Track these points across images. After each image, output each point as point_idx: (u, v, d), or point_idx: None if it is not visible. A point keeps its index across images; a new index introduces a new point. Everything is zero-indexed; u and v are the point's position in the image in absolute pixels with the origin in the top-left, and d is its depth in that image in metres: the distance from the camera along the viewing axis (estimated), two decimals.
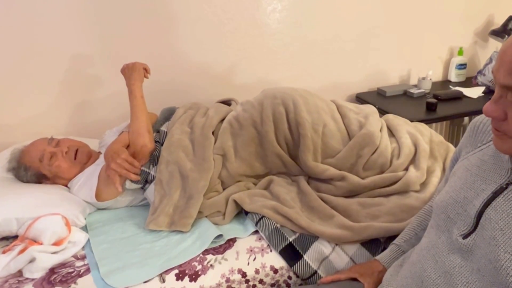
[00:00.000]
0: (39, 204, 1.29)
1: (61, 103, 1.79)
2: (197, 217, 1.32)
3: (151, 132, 1.45)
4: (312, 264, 1.17)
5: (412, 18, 2.27)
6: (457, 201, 0.80)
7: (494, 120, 0.68)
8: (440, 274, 0.77)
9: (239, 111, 1.49)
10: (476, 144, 0.86)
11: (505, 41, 0.66)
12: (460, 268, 0.74)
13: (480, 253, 0.71)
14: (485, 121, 0.86)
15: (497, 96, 0.66)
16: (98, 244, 1.24)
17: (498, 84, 0.65)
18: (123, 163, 1.35)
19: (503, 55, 0.64)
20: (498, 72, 0.65)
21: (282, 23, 2.03)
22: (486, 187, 0.75)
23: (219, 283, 1.13)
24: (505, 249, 0.66)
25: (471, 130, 0.88)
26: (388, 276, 0.95)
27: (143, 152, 1.41)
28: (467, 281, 0.72)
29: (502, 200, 0.71)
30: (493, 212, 0.71)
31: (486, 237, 0.70)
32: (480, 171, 0.79)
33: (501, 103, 0.66)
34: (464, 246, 0.74)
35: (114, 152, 1.37)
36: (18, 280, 1.09)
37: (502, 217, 0.69)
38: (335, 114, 1.51)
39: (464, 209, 0.77)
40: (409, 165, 1.42)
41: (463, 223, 0.76)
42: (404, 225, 1.18)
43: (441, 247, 0.80)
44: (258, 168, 1.45)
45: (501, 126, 0.67)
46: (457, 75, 2.42)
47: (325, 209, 1.29)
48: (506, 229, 0.67)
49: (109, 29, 1.75)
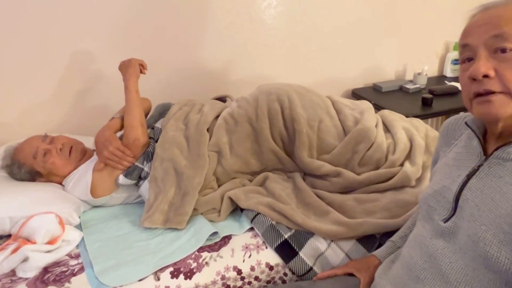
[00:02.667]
0: (32, 203, 1.28)
1: (57, 101, 1.77)
2: (193, 214, 1.31)
3: (144, 125, 1.45)
4: (307, 260, 1.17)
5: (407, 13, 2.27)
6: (437, 191, 0.84)
7: (483, 81, 0.71)
8: (426, 259, 0.80)
9: (234, 107, 1.48)
10: (450, 142, 0.93)
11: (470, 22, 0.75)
12: (443, 250, 0.77)
13: (461, 232, 0.75)
14: (453, 121, 0.94)
15: (482, 57, 0.71)
16: (93, 243, 1.23)
17: (483, 43, 0.71)
18: (115, 151, 1.36)
19: (478, 22, 0.73)
20: (478, 35, 0.72)
21: (278, 19, 2.02)
22: (461, 173, 0.80)
23: (214, 280, 1.13)
24: (481, 221, 0.70)
25: (444, 131, 0.95)
26: (380, 272, 0.96)
27: (135, 145, 1.40)
28: (450, 260, 0.75)
29: (475, 181, 0.76)
30: (469, 192, 0.76)
31: (465, 216, 0.74)
32: (455, 162, 0.85)
33: (489, 62, 0.70)
34: (446, 229, 0.78)
35: (106, 139, 1.38)
36: (11, 279, 1.08)
37: (477, 195, 0.74)
38: (331, 110, 1.50)
39: (443, 196, 0.82)
40: (404, 160, 1.41)
41: (443, 209, 0.81)
42: (400, 221, 1.19)
43: (425, 234, 0.84)
44: (253, 164, 1.44)
45: (494, 84, 0.70)
46: (453, 70, 2.42)
47: (321, 205, 1.29)
48: (481, 205, 0.72)
49: (105, 27, 1.73)
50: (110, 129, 1.43)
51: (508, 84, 0.69)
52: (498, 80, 0.70)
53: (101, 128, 1.44)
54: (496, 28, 0.69)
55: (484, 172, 0.75)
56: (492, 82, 0.70)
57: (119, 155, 1.37)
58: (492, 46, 0.70)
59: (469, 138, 0.84)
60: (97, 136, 1.41)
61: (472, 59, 0.74)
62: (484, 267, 0.69)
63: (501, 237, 0.67)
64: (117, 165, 1.38)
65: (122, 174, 1.39)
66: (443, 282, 0.75)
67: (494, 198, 0.70)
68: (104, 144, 1.37)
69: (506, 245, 0.66)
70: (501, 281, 0.68)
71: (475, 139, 0.81)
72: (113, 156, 1.36)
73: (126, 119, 1.43)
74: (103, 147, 1.36)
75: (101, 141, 1.38)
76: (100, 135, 1.41)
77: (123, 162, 1.38)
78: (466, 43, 0.74)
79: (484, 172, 0.75)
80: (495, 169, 0.73)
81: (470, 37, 0.73)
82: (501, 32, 0.69)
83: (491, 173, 0.73)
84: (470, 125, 0.83)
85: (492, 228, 0.68)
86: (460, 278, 0.73)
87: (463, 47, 0.75)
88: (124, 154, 1.38)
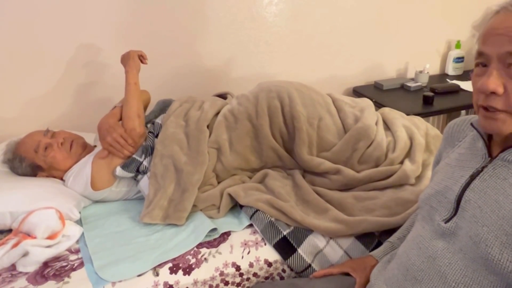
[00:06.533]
0: (33, 198, 1.28)
1: (58, 97, 1.78)
2: (192, 211, 1.32)
3: (141, 116, 1.47)
4: (306, 257, 1.17)
5: (409, 11, 2.26)
6: (438, 191, 0.84)
7: (491, 96, 0.69)
8: (424, 260, 0.80)
9: (234, 104, 1.49)
10: (453, 143, 0.92)
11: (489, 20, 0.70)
12: (442, 251, 0.77)
13: (462, 233, 0.74)
14: (459, 122, 0.93)
15: (494, 70, 0.68)
16: (92, 238, 1.24)
17: (497, 56, 0.68)
18: (118, 138, 1.38)
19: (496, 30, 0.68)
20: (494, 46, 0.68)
21: (279, 16, 2.01)
22: (464, 173, 0.80)
23: (213, 276, 1.13)
24: (483, 223, 0.70)
25: (447, 133, 0.95)
26: (376, 272, 0.96)
27: (131, 135, 1.42)
28: (450, 261, 0.75)
29: (478, 182, 0.75)
30: (471, 193, 0.75)
31: (467, 217, 0.74)
32: (458, 162, 0.84)
33: (500, 77, 0.68)
34: (446, 230, 0.78)
35: (110, 126, 1.40)
36: (11, 274, 1.09)
37: (480, 196, 0.73)
38: (331, 108, 1.50)
39: (445, 197, 0.81)
40: (404, 158, 1.41)
41: (444, 209, 0.80)
42: (399, 219, 1.19)
43: (425, 235, 0.83)
44: (253, 161, 1.45)
45: (500, 102, 0.69)
46: (455, 69, 2.41)
47: (320, 203, 1.29)
48: (483, 206, 0.71)
49: (107, 22, 1.73)
50: (113, 116, 1.46)
51: None
52: (506, 98, 0.68)
53: (104, 116, 1.47)
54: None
55: (488, 173, 0.74)
56: (498, 100, 0.69)
57: (121, 143, 1.40)
58: (506, 60, 0.67)
59: (473, 140, 0.83)
60: (101, 123, 1.44)
61: (486, 65, 0.72)
62: (485, 269, 0.69)
63: (503, 239, 0.66)
64: (118, 153, 1.40)
65: (120, 165, 1.40)
66: (441, 283, 0.75)
67: (497, 199, 0.70)
68: (108, 131, 1.39)
69: (508, 247, 0.65)
70: (501, 284, 0.67)
71: (481, 140, 0.80)
72: (116, 143, 1.39)
73: (124, 110, 1.46)
74: (107, 133, 1.39)
75: (105, 128, 1.40)
76: (104, 122, 1.43)
77: (124, 150, 1.40)
78: (482, 52, 0.71)
79: (488, 174, 0.74)
80: (500, 171, 0.73)
81: (487, 46, 0.70)
82: None
83: (496, 174, 0.73)
84: (475, 127, 0.83)
85: (494, 229, 0.68)
86: (458, 279, 0.72)
87: (479, 53, 0.73)
88: (126, 142, 1.41)
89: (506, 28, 0.67)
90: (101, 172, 1.40)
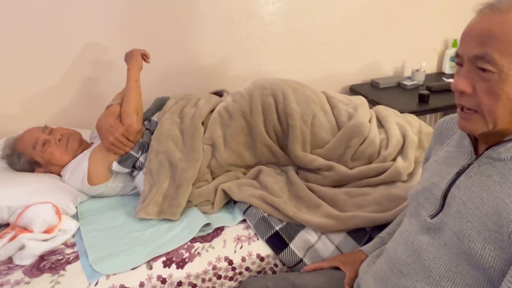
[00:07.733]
0: (30, 193, 1.31)
1: (58, 95, 1.80)
2: (186, 206, 1.33)
3: (139, 113, 1.49)
4: (297, 252, 1.19)
5: (406, 10, 2.27)
6: (426, 188, 0.85)
7: (462, 96, 0.72)
8: (409, 254, 0.82)
9: (229, 101, 1.50)
10: (442, 141, 0.94)
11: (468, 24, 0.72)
12: (427, 245, 0.79)
13: (446, 229, 0.76)
14: (448, 120, 0.94)
15: (465, 71, 0.71)
16: (88, 232, 1.26)
17: (467, 58, 0.70)
18: (120, 138, 1.41)
19: (471, 32, 0.70)
20: (466, 48, 0.70)
21: (276, 14, 2.03)
22: (451, 170, 0.81)
23: (205, 270, 1.15)
24: (467, 218, 0.72)
25: (437, 131, 0.96)
26: (365, 266, 0.98)
27: (129, 131, 1.44)
28: (434, 256, 0.77)
29: (464, 178, 0.77)
30: (457, 190, 0.77)
31: (452, 213, 0.76)
32: (446, 160, 0.85)
33: (470, 77, 0.70)
34: (432, 225, 0.79)
35: (111, 125, 1.42)
36: (8, 266, 1.11)
37: (464, 193, 0.75)
38: (325, 105, 1.52)
39: (432, 193, 0.83)
40: (397, 155, 1.43)
41: (431, 205, 0.82)
42: (390, 215, 1.20)
43: (411, 230, 0.85)
44: (247, 158, 1.47)
45: (469, 101, 0.71)
46: (451, 67, 2.42)
47: (312, 199, 1.31)
48: (468, 202, 0.73)
49: (104, 21, 1.75)
50: (112, 115, 1.47)
51: (481, 104, 0.69)
52: (475, 98, 0.70)
53: (102, 115, 1.48)
54: (481, 46, 0.67)
55: (474, 170, 0.76)
56: (467, 99, 0.71)
57: (124, 142, 1.42)
58: (475, 63, 0.69)
59: (461, 137, 0.85)
60: (100, 122, 1.45)
61: (462, 65, 0.74)
62: (468, 264, 0.71)
63: (486, 234, 0.68)
64: (120, 151, 1.43)
65: (116, 161, 1.42)
66: (426, 277, 0.77)
67: (481, 196, 0.71)
68: (109, 130, 1.41)
69: (491, 242, 0.67)
70: (484, 278, 0.69)
71: (467, 138, 0.82)
72: (118, 143, 1.41)
73: (123, 106, 1.48)
74: (109, 133, 1.40)
75: (106, 127, 1.42)
76: (104, 121, 1.44)
77: (126, 148, 1.43)
78: (457, 52, 0.73)
79: (474, 171, 0.76)
80: (485, 168, 0.74)
81: (461, 47, 0.72)
82: (483, 54, 0.67)
83: (480, 171, 0.75)
84: None
85: (478, 225, 0.69)
86: (442, 274, 0.74)
87: (456, 53, 0.75)
88: (128, 141, 1.43)
89: (479, 30, 0.68)
90: (98, 167, 1.42)
